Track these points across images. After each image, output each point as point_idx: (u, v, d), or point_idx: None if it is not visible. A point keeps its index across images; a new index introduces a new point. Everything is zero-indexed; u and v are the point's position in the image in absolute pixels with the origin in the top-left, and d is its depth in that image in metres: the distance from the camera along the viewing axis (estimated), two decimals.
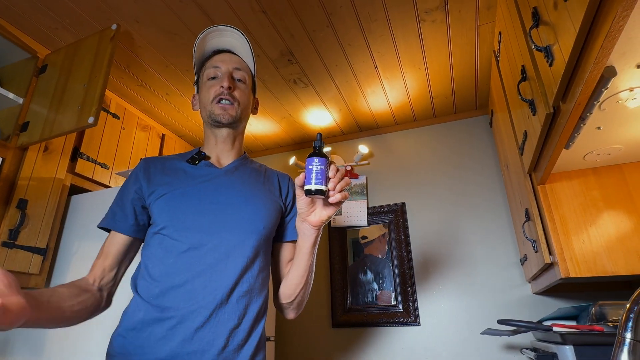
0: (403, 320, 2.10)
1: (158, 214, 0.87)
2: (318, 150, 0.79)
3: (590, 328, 1.12)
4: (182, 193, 0.89)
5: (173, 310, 0.79)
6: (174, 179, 0.92)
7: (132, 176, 0.95)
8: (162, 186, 0.91)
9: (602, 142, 1.16)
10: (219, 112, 0.96)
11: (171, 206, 0.87)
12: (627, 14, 0.61)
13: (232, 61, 1.02)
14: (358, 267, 2.34)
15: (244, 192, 0.95)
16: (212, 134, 1.01)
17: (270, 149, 2.87)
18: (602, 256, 1.23)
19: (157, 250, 0.86)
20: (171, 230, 0.85)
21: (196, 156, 0.98)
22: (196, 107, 1.06)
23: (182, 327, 0.78)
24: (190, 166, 0.96)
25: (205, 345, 0.78)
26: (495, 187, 2.20)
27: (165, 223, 0.86)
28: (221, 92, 0.97)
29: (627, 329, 0.56)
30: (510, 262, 2.03)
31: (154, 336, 0.78)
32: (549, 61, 0.90)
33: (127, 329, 0.82)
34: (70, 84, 1.55)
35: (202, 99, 1.00)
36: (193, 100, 1.08)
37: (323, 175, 0.76)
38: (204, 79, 1.01)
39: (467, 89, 2.18)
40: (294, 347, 2.31)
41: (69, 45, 1.66)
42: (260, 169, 1.06)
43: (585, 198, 1.32)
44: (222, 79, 0.98)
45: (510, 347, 1.89)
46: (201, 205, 0.88)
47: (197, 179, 0.93)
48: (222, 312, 0.81)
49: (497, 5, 1.57)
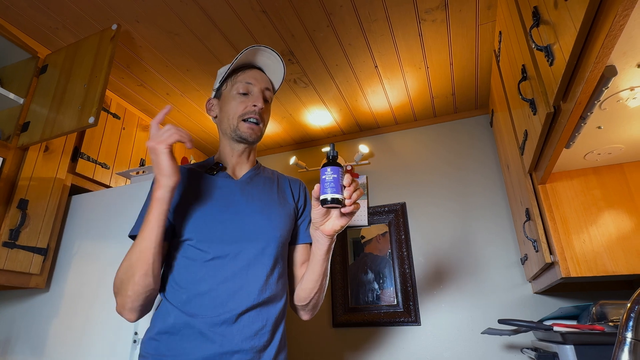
0: (404, 320, 2.10)
1: (182, 225, 0.91)
2: (332, 160, 0.81)
3: (591, 328, 1.11)
4: (203, 204, 0.93)
5: (201, 316, 0.84)
6: (195, 191, 0.95)
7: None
8: (184, 198, 0.94)
9: (603, 141, 1.16)
10: (248, 131, 1.00)
11: (195, 217, 0.91)
12: (627, 12, 0.61)
13: (264, 80, 1.06)
14: (359, 267, 2.34)
15: (260, 202, 0.99)
16: (230, 146, 1.04)
17: (271, 149, 2.87)
18: (603, 256, 1.23)
19: (181, 259, 0.90)
20: (195, 241, 0.89)
21: (214, 167, 1.01)
22: (212, 112, 1.07)
23: (210, 330, 0.83)
24: (209, 176, 0.99)
25: (234, 347, 0.83)
26: (496, 187, 2.20)
27: (189, 234, 0.90)
28: (253, 110, 1.00)
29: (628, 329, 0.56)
30: (510, 262, 2.03)
31: (186, 339, 0.83)
32: (549, 60, 0.90)
33: (160, 332, 0.86)
34: (70, 84, 1.55)
35: (228, 111, 1.01)
36: (208, 104, 1.09)
37: (337, 184, 0.78)
38: (232, 90, 1.02)
39: (468, 89, 2.18)
40: (295, 346, 2.31)
41: (69, 46, 1.66)
42: (273, 176, 1.11)
43: (585, 197, 1.32)
44: (256, 98, 1.01)
45: (511, 347, 1.89)
46: (221, 215, 0.92)
47: (216, 190, 0.96)
48: (248, 317, 0.86)
49: (497, 4, 1.57)
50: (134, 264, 0.82)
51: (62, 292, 1.61)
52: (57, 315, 1.57)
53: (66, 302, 1.58)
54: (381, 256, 2.30)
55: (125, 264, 0.84)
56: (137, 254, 0.82)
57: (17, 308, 1.67)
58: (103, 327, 1.45)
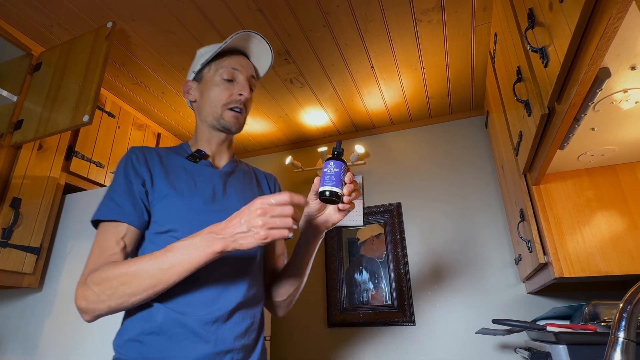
0: (398, 320, 2.11)
1: (163, 215, 0.84)
2: (336, 155, 0.80)
3: (584, 327, 1.12)
4: (186, 194, 0.86)
5: (193, 314, 0.78)
6: (176, 178, 0.89)
7: (130, 167, 0.87)
8: (164, 184, 0.86)
9: (596, 143, 1.17)
10: (232, 120, 0.94)
11: (178, 207, 0.84)
12: (621, 15, 0.62)
13: (250, 67, 1.00)
14: (354, 267, 2.34)
15: (243, 195, 0.95)
16: (210, 134, 0.98)
17: (267, 149, 2.86)
18: (596, 256, 1.24)
19: None
20: (180, 233, 0.82)
21: (197, 154, 0.95)
22: (190, 96, 1.00)
23: (203, 329, 0.78)
24: (190, 164, 0.93)
25: (228, 345, 0.80)
26: (491, 188, 2.21)
27: (172, 225, 0.83)
28: (238, 100, 0.94)
29: (620, 329, 0.56)
30: (504, 262, 2.04)
31: (175, 339, 0.77)
32: (544, 62, 0.90)
33: (143, 333, 0.77)
34: (65, 82, 1.54)
35: (210, 97, 0.95)
36: (186, 87, 1.01)
37: (338, 178, 0.77)
38: (216, 75, 0.96)
39: (463, 90, 2.19)
40: (290, 346, 2.30)
41: (63, 43, 1.65)
42: (249, 169, 1.07)
43: (579, 198, 1.33)
44: (242, 87, 0.95)
45: (504, 347, 1.90)
46: (206, 207, 0.87)
47: (198, 179, 0.91)
48: (239, 314, 0.84)
49: (493, 6, 1.58)
50: (144, 279, 0.71)
51: (55, 291, 1.60)
52: (50, 315, 1.56)
53: (59, 302, 1.57)
54: (375, 258, 2.31)
55: (131, 271, 0.72)
56: (156, 270, 0.71)
57: (10, 308, 1.65)
58: (96, 327, 1.44)
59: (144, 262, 0.72)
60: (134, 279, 0.71)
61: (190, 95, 1.00)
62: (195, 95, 0.99)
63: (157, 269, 0.71)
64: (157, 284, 0.71)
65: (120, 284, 0.71)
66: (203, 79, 0.98)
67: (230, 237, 0.69)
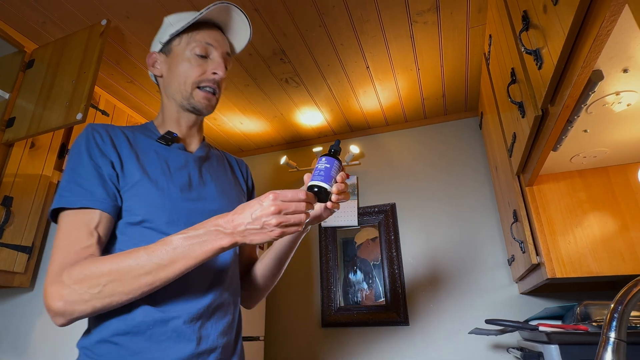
0: (392, 320, 2.12)
1: (136, 203, 0.74)
2: (332, 153, 0.78)
3: (575, 327, 1.13)
4: (160, 180, 0.78)
5: (175, 311, 0.72)
6: (147, 161, 0.79)
7: (94, 146, 0.76)
8: (135, 168, 0.77)
9: (589, 144, 1.18)
10: (204, 101, 0.86)
11: (153, 195, 0.75)
12: (614, 18, 0.62)
13: (225, 44, 0.91)
14: (348, 267, 2.35)
15: (219, 183, 0.89)
16: (178, 114, 0.89)
17: (262, 148, 2.86)
18: (587, 257, 1.25)
19: (140, 243, 0.71)
20: (156, 223, 0.74)
21: (168, 136, 0.86)
22: (156, 70, 0.89)
23: (187, 327, 0.72)
24: (161, 147, 0.84)
25: (211, 344, 0.74)
26: (484, 189, 2.23)
27: (147, 215, 0.74)
28: (212, 79, 0.86)
29: (612, 329, 0.57)
30: (498, 263, 2.06)
31: (156, 339, 0.69)
32: (538, 64, 0.91)
33: (118, 333, 0.69)
34: (58, 80, 1.52)
35: (179, 73, 0.85)
36: (151, 59, 0.90)
37: (328, 174, 0.74)
38: (187, 49, 0.86)
39: (458, 91, 2.20)
40: (284, 346, 2.30)
41: (57, 40, 1.63)
42: (221, 154, 1.00)
43: (571, 200, 1.35)
44: (217, 65, 0.86)
45: (497, 347, 1.91)
46: (183, 195, 0.79)
47: (172, 164, 0.82)
48: (221, 311, 0.78)
49: (487, 8, 1.59)
50: (140, 277, 0.64)
51: None
52: (42, 315, 1.54)
53: None
54: (372, 260, 2.32)
55: (124, 266, 0.64)
56: (154, 266, 0.64)
57: (1, 307, 1.63)
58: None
59: (139, 257, 0.65)
60: (127, 275, 0.64)
61: (156, 69, 0.90)
62: (162, 69, 0.89)
63: (156, 265, 0.64)
64: (154, 281, 0.65)
65: (109, 281, 0.63)
66: (172, 52, 0.88)
67: (239, 233, 0.65)
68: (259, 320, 2.16)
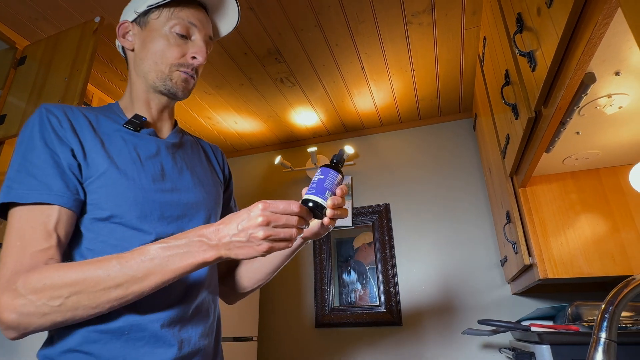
0: (386, 321, 2.12)
1: (103, 196, 0.66)
2: (333, 164, 0.70)
3: (567, 328, 1.14)
4: (130, 169, 0.70)
5: (153, 314, 0.65)
6: (114, 149, 0.71)
7: (50, 131, 0.66)
8: (100, 156, 0.68)
9: (581, 146, 1.19)
10: (181, 84, 0.78)
11: (122, 186, 0.68)
12: (607, 21, 0.63)
13: (209, 26, 0.83)
14: (342, 268, 2.35)
15: (194, 172, 0.82)
16: (148, 95, 0.80)
17: (256, 148, 2.85)
18: (579, 258, 1.26)
19: (110, 241, 0.66)
20: (127, 218, 0.67)
21: (136, 121, 0.77)
22: (127, 43, 0.80)
23: (166, 331, 0.65)
24: (129, 133, 0.75)
25: (193, 347, 0.69)
26: (478, 190, 2.24)
27: (117, 209, 0.66)
28: (190, 64, 0.77)
29: (602, 329, 0.57)
30: (491, 263, 2.07)
31: (132, 345, 0.63)
32: (531, 66, 0.92)
33: (89, 340, 0.61)
34: (50, 77, 1.51)
35: (155, 51, 0.76)
36: (123, 29, 0.80)
37: (321, 186, 0.66)
38: (166, 25, 0.77)
39: (452, 92, 2.21)
40: (277, 347, 2.30)
41: (49, 37, 1.62)
42: (195, 141, 0.92)
43: (563, 201, 1.36)
44: (199, 49, 0.78)
45: (489, 347, 1.92)
46: (155, 185, 0.72)
47: (142, 152, 0.74)
48: (202, 311, 0.73)
49: (482, 10, 1.60)
50: (110, 290, 0.57)
51: None
52: None
53: None
54: (368, 264, 2.32)
55: (91, 276, 0.56)
56: (127, 278, 0.57)
57: None
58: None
59: (110, 267, 0.57)
60: (95, 287, 0.56)
61: (127, 41, 0.80)
62: (135, 43, 0.79)
63: (129, 277, 0.57)
64: (125, 295, 0.57)
65: (72, 292, 0.56)
66: (148, 25, 0.78)
67: (224, 245, 0.59)
68: (252, 321, 2.16)
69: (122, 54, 0.84)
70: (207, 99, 2.21)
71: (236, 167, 2.88)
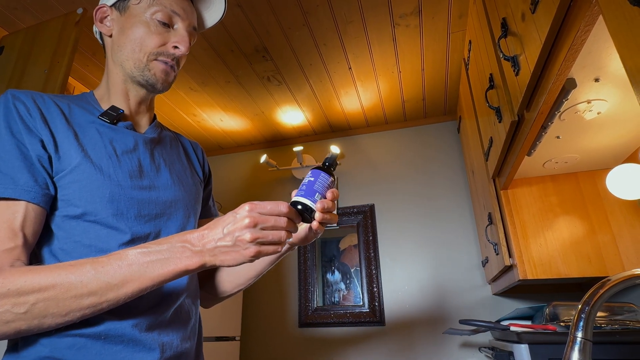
0: (369, 320, 2.13)
1: (76, 192, 0.62)
2: (324, 166, 0.67)
3: (544, 328, 1.17)
4: (105, 164, 0.66)
5: (132, 317, 0.62)
6: (88, 142, 0.66)
7: (17, 119, 0.61)
8: (73, 149, 0.63)
9: (561, 150, 1.22)
10: (160, 75, 0.73)
11: (97, 182, 0.63)
12: (589, 28, 0.64)
13: (194, 16, 0.79)
14: (326, 268, 2.35)
15: (173, 169, 0.78)
16: (126, 85, 0.76)
17: (242, 146, 2.83)
18: (557, 259, 1.30)
19: (83, 240, 0.62)
20: (101, 216, 0.63)
21: (113, 113, 0.72)
22: (105, 28, 0.75)
23: (147, 335, 0.62)
24: (104, 125, 0.70)
25: (175, 349, 0.66)
26: (461, 191, 2.27)
27: (91, 206, 0.62)
28: (171, 54, 0.73)
29: (579, 329, 0.59)
30: (472, 264, 2.10)
31: (109, 351, 0.59)
32: (515, 70, 0.93)
33: (64, 346, 0.57)
34: (29, 68, 1.46)
35: (135, 38, 0.72)
36: (101, 12, 0.75)
37: (310, 189, 0.63)
38: (147, 12, 0.72)
39: (437, 95, 2.24)
40: (260, 347, 2.28)
41: (28, 28, 1.57)
42: (174, 136, 0.89)
43: (543, 203, 1.39)
44: (181, 39, 0.74)
45: (470, 346, 1.95)
46: (133, 182, 0.68)
47: (118, 146, 0.70)
48: (183, 312, 0.71)
49: (468, 14, 1.62)
50: (82, 297, 0.52)
51: None
52: None
53: None
54: (353, 265, 2.33)
55: (61, 282, 0.52)
56: (101, 284, 0.53)
57: None
58: None
59: (84, 272, 0.53)
60: (66, 294, 0.52)
61: (105, 26, 0.75)
62: (113, 28, 0.75)
63: (104, 284, 0.53)
64: (99, 303, 0.53)
65: (40, 299, 0.51)
66: (128, 10, 0.74)
67: (209, 251, 0.56)
68: (235, 320, 2.14)
69: (100, 40, 0.79)
70: (192, 96, 2.18)
71: (221, 165, 2.85)
